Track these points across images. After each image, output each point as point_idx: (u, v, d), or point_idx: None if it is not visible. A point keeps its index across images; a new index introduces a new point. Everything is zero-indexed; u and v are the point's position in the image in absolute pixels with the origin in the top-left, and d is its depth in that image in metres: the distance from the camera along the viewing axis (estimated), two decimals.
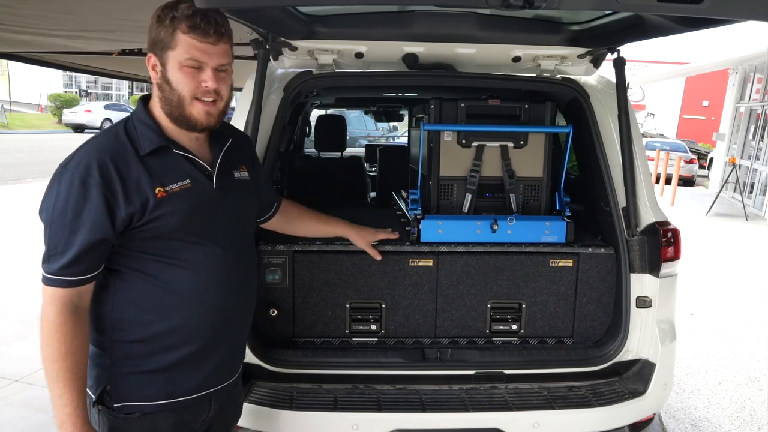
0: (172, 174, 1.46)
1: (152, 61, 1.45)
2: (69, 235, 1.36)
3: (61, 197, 1.36)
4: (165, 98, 1.46)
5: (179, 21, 1.40)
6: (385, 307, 2.37)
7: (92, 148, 1.41)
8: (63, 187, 1.37)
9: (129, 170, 1.40)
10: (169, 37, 1.41)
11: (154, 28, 1.43)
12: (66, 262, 1.36)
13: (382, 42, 2.40)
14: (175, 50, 1.42)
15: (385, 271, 2.35)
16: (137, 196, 1.40)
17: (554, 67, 2.56)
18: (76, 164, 1.37)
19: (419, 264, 2.36)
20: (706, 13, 1.43)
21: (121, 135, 1.45)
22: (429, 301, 2.38)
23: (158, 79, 1.45)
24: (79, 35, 3.22)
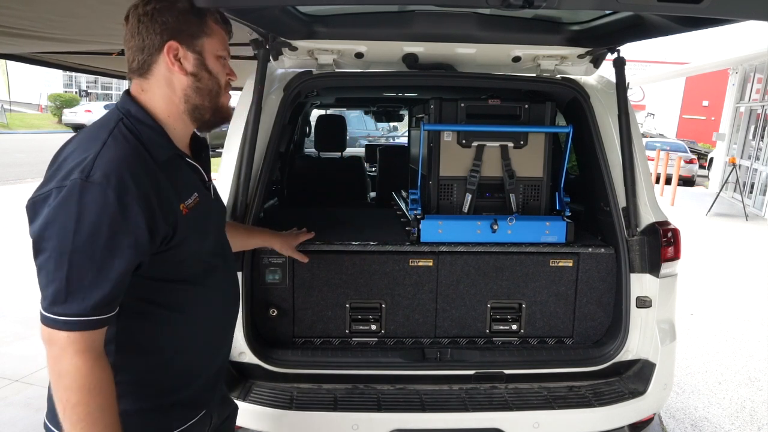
0: (186, 187, 1.31)
1: (176, 50, 1.27)
2: (102, 265, 1.12)
3: (90, 213, 1.11)
4: (199, 89, 1.31)
5: (206, 11, 1.31)
6: (385, 307, 2.37)
7: (115, 154, 1.17)
8: (91, 203, 1.11)
9: (158, 182, 1.22)
10: (198, 24, 1.30)
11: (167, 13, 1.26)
12: (100, 299, 1.12)
13: (382, 42, 2.40)
14: (212, 38, 1.32)
15: (385, 271, 2.35)
16: (170, 213, 1.23)
17: (554, 67, 2.56)
18: (103, 176, 1.12)
19: (419, 264, 2.36)
20: (706, 13, 1.43)
21: (132, 140, 1.22)
22: (429, 301, 2.38)
23: (192, 68, 1.29)
24: (80, 38, 3.22)
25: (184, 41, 1.28)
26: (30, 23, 2.73)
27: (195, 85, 1.31)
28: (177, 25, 1.27)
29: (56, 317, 1.11)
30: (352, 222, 2.76)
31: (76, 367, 1.11)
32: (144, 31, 1.26)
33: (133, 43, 1.28)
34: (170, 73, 1.29)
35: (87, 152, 1.16)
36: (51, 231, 1.11)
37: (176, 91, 1.31)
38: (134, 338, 1.29)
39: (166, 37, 1.26)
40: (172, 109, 1.32)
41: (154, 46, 1.27)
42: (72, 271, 1.11)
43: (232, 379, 2.22)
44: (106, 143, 1.18)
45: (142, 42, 1.27)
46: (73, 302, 1.11)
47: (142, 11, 1.26)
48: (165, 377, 1.36)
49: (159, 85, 1.30)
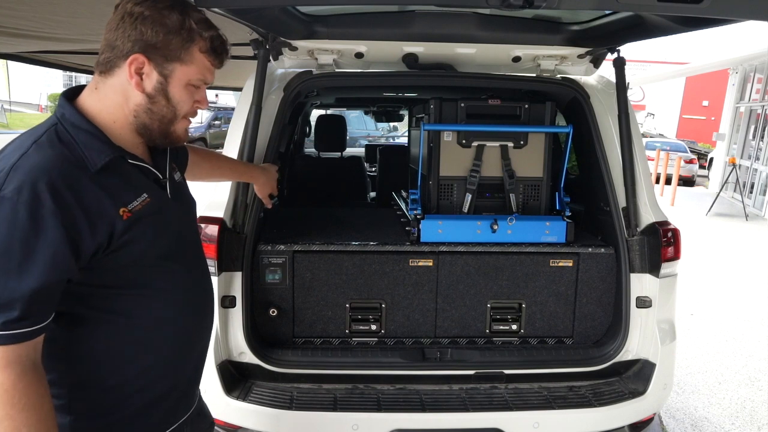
0: (129, 189, 1.22)
1: (141, 65, 1.19)
2: (18, 281, 1.05)
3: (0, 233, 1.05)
4: (152, 111, 1.23)
5: (197, 37, 1.22)
6: (385, 307, 2.37)
7: (31, 167, 1.08)
8: (1, 220, 1.05)
9: (85, 191, 1.12)
10: (181, 49, 1.21)
11: (152, 24, 1.18)
12: (18, 315, 1.06)
13: (382, 42, 2.40)
14: (189, 67, 1.23)
15: (385, 271, 2.35)
16: (102, 223, 1.14)
17: (554, 67, 2.56)
18: (15, 190, 1.05)
19: (419, 264, 2.36)
20: (706, 13, 1.44)
21: (59, 147, 1.13)
22: (429, 301, 2.38)
23: (150, 89, 1.22)
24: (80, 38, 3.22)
25: (153, 59, 1.20)
26: (30, 23, 2.72)
27: (148, 106, 1.23)
28: (155, 40, 1.19)
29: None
30: (352, 222, 2.76)
31: (10, 383, 1.06)
32: (122, 30, 1.18)
33: (109, 37, 1.20)
34: (128, 84, 1.21)
35: (8, 161, 1.09)
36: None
37: (128, 104, 1.23)
38: (80, 346, 1.22)
39: (137, 48, 1.18)
40: (120, 117, 1.23)
41: (123, 51, 1.19)
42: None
43: (232, 379, 2.22)
44: (27, 152, 1.10)
45: (115, 41, 1.19)
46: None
47: (129, 9, 1.19)
48: (119, 387, 1.28)
49: (114, 90, 1.22)
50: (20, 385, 1.07)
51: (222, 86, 7.52)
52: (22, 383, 1.07)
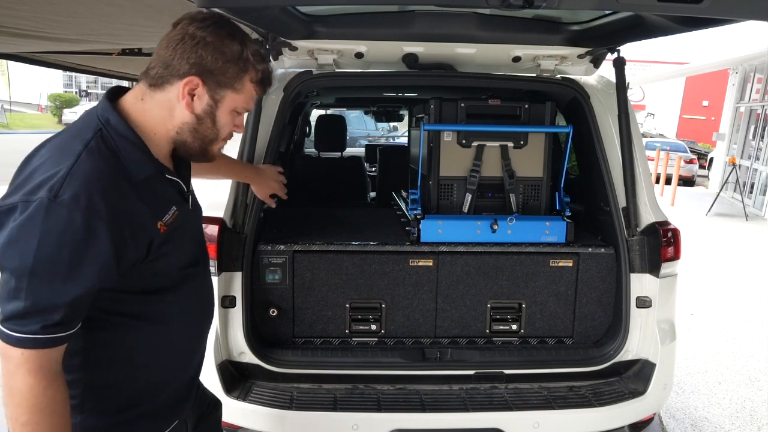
0: (163, 202, 1.26)
1: (195, 87, 1.22)
2: (63, 288, 1.08)
3: (53, 237, 1.06)
4: (197, 131, 1.27)
5: (251, 67, 1.27)
6: (385, 307, 2.37)
7: (88, 173, 1.10)
8: (55, 226, 1.06)
9: (130, 203, 1.16)
10: (235, 78, 1.25)
11: (213, 51, 1.21)
12: (58, 319, 1.08)
13: (382, 42, 2.40)
14: (239, 95, 1.28)
15: (385, 271, 2.35)
16: (144, 235, 1.18)
17: (554, 67, 2.56)
18: (72, 198, 1.07)
19: (419, 264, 2.36)
20: (706, 13, 1.43)
21: (108, 155, 1.15)
22: (429, 301, 2.38)
23: (200, 111, 1.25)
24: (81, 38, 3.22)
25: (208, 83, 1.23)
26: (30, 23, 2.72)
27: (194, 126, 1.26)
28: (213, 66, 1.22)
29: (11, 333, 1.07)
30: (352, 222, 2.76)
31: (29, 385, 1.07)
32: (180, 51, 1.20)
33: (164, 53, 1.22)
34: (177, 102, 1.23)
35: (58, 166, 1.10)
36: (12, 251, 1.07)
37: (173, 120, 1.25)
38: (102, 350, 1.25)
39: (194, 71, 1.21)
40: (162, 131, 1.26)
41: (179, 72, 1.21)
42: (30, 294, 1.07)
43: (232, 379, 2.22)
44: (80, 158, 1.11)
45: (172, 59, 1.21)
46: (29, 321, 1.07)
47: (191, 32, 1.21)
48: (134, 389, 1.31)
49: (160, 105, 1.24)
50: (49, 391, 1.08)
51: None
52: (51, 389, 1.09)
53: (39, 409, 1.07)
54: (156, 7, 2.54)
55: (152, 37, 3.28)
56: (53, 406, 1.09)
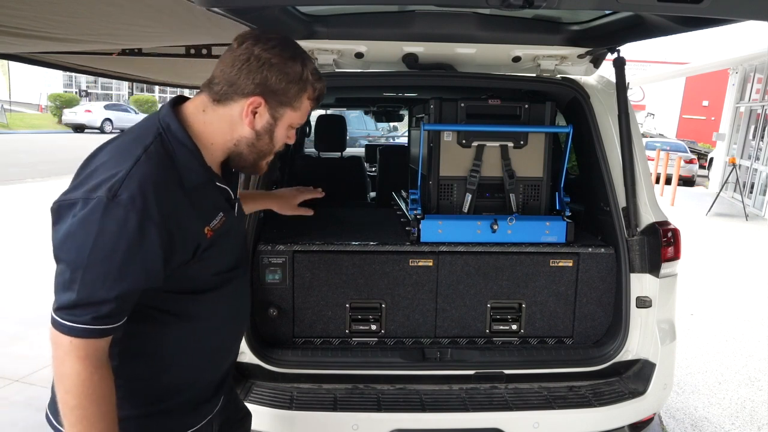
0: (211, 208, 1.32)
1: (258, 106, 1.28)
2: (114, 284, 1.14)
3: (109, 234, 1.12)
4: (254, 146, 1.33)
5: (309, 86, 1.32)
6: (385, 307, 2.37)
7: (145, 176, 1.15)
8: (112, 223, 1.12)
9: (182, 208, 1.21)
10: (295, 96, 1.31)
11: (277, 72, 1.26)
12: (106, 313, 1.14)
13: (382, 42, 2.40)
14: (296, 113, 1.34)
15: (385, 271, 2.35)
16: (191, 240, 1.24)
17: (554, 67, 2.56)
18: (129, 198, 1.12)
19: (419, 264, 2.36)
20: (706, 13, 1.44)
21: (165, 160, 1.21)
22: (429, 301, 2.38)
23: (260, 128, 1.31)
24: (81, 39, 3.22)
25: (269, 102, 1.29)
26: (30, 23, 2.72)
27: (252, 141, 1.32)
28: (276, 87, 1.27)
29: (63, 321, 1.13)
30: (352, 222, 2.76)
31: (77, 372, 1.13)
32: (245, 70, 1.25)
33: (229, 71, 1.26)
34: (239, 119, 1.29)
35: (119, 167, 1.16)
36: (70, 244, 1.13)
37: (232, 133, 1.31)
38: (139, 344, 1.30)
39: (258, 90, 1.26)
40: (219, 141, 1.31)
41: (243, 91, 1.26)
42: (83, 286, 1.13)
43: (233, 378, 2.22)
44: (139, 161, 1.17)
45: (237, 78, 1.26)
46: (80, 311, 1.13)
47: (257, 53, 1.25)
48: (167, 384, 1.36)
49: (221, 119, 1.29)
50: (96, 377, 1.14)
51: None
52: (97, 375, 1.15)
53: (86, 395, 1.13)
54: (156, 7, 2.54)
55: (152, 37, 3.28)
56: (99, 392, 1.14)
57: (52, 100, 30.96)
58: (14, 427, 3.12)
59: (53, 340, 1.15)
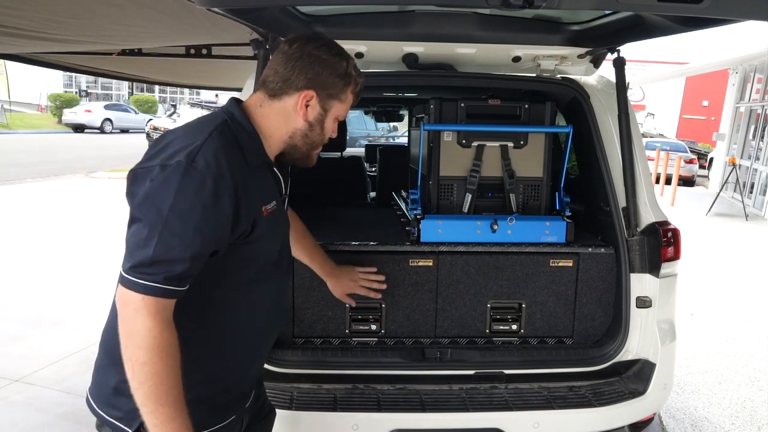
0: (267, 192, 1.42)
1: (310, 98, 1.42)
2: (189, 243, 1.21)
3: (187, 197, 1.21)
4: (307, 137, 1.46)
5: (353, 81, 1.47)
6: (385, 307, 2.37)
7: (218, 147, 1.27)
8: (190, 185, 1.21)
9: (247, 180, 1.31)
10: (340, 89, 1.45)
11: (326, 68, 1.41)
12: (179, 272, 1.21)
13: (382, 42, 2.40)
14: (342, 105, 1.48)
15: (385, 271, 2.35)
16: (252, 212, 1.33)
17: (554, 67, 2.56)
18: (205, 164, 1.22)
19: (419, 264, 2.36)
20: (706, 13, 1.44)
21: (232, 139, 1.33)
22: (429, 301, 2.38)
23: (312, 119, 1.44)
24: (81, 39, 3.22)
25: (320, 95, 1.43)
26: (30, 23, 2.72)
27: (305, 131, 1.45)
28: (325, 81, 1.42)
29: (135, 279, 1.19)
30: (352, 222, 2.76)
31: (148, 327, 1.18)
32: (299, 67, 1.39)
33: (282, 70, 1.40)
34: (294, 112, 1.42)
35: (194, 139, 1.26)
36: (149, 204, 1.21)
37: (287, 126, 1.44)
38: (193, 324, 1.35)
39: (311, 84, 1.40)
40: (276, 133, 1.44)
41: (297, 85, 1.40)
42: (160, 244, 1.19)
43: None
44: (212, 135, 1.29)
45: (291, 75, 1.40)
46: (154, 270, 1.19)
47: (308, 50, 1.40)
48: (211, 368, 1.40)
49: (277, 112, 1.42)
50: (165, 334, 1.20)
51: (222, 86, 7.52)
52: (167, 332, 1.20)
53: (157, 351, 1.18)
54: (156, 7, 2.54)
55: (152, 37, 3.28)
56: (168, 348, 1.19)
57: (52, 100, 30.98)
58: (14, 427, 3.12)
59: (122, 300, 1.21)
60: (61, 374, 3.70)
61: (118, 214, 6.83)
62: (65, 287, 5.45)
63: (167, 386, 1.18)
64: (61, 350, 4.04)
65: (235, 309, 1.42)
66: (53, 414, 3.24)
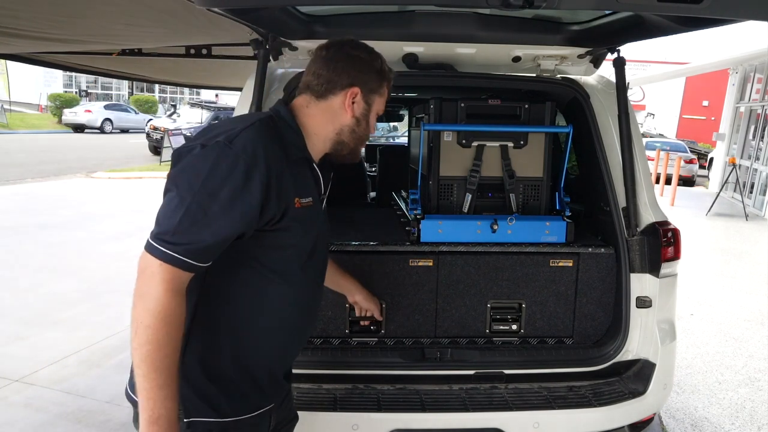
0: (304, 187, 1.46)
1: (355, 95, 1.50)
2: (212, 220, 1.25)
3: (220, 173, 1.25)
4: (354, 132, 1.53)
5: (387, 75, 1.56)
6: (385, 307, 2.37)
7: (258, 135, 1.33)
8: (224, 164, 1.26)
9: (282, 170, 1.36)
10: (379, 83, 1.54)
11: (365, 66, 1.51)
12: (201, 247, 1.24)
13: (382, 42, 2.39)
14: (382, 98, 1.57)
15: (385, 271, 2.35)
16: (284, 200, 1.36)
17: (554, 67, 2.56)
18: (242, 147, 1.28)
19: (419, 264, 2.36)
20: (706, 13, 1.43)
21: (274, 132, 1.40)
22: (429, 301, 2.38)
23: (359, 114, 1.52)
24: (81, 39, 3.22)
25: (364, 91, 1.51)
26: (30, 23, 2.72)
27: (353, 127, 1.53)
28: (366, 78, 1.51)
29: (158, 246, 1.23)
30: (352, 222, 2.76)
31: (158, 292, 1.22)
32: (340, 68, 1.48)
33: (325, 72, 1.49)
34: (340, 109, 1.50)
35: (237, 125, 1.34)
36: (183, 177, 1.27)
37: (335, 123, 1.51)
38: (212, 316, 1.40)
39: (355, 82, 1.49)
40: (322, 132, 1.51)
41: (341, 84, 1.48)
42: (186, 216, 1.23)
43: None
44: (254, 124, 1.36)
45: (335, 76, 1.48)
46: (176, 240, 1.23)
47: (348, 52, 1.50)
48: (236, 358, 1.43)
49: (324, 112, 1.50)
50: (173, 303, 1.23)
51: (222, 86, 7.53)
52: (175, 302, 1.24)
53: (162, 317, 1.21)
54: (156, 7, 2.54)
55: (152, 37, 3.28)
56: (173, 317, 1.23)
57: (52, 100, 30.95)
58: (13, 427, 3.12)
59: (142, 264, 1.24)
60: (61, 374, 3.70)
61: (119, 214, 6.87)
62: (65, 287, 5.45)
63: (164, 353, 1.22)
64: (61, 350, 4.04)
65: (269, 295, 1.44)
66: (53, 414, 3.24)
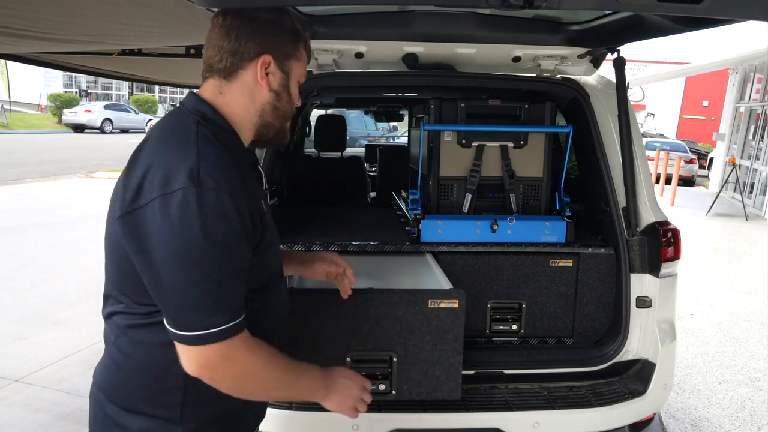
0: (259, 191, 1.29)
1: (267, 64, 1.25)
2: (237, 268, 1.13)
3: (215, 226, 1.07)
4: (277, 108, 1.30)
5: (302, 35, 1.32)
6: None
7: (217, 162, 1.12)
8: (209, 209, 1.06)
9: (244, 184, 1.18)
10: (294, 47, 1.30)
11: (272, 27, 1.25)
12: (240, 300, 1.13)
13: (382, 42, 2.40)
14: (299, 63, 1.32)
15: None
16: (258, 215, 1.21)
17: (554, 67, 2.56)
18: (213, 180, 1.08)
19: None
20: (706, 13, 1.43)
21: (218, 145, 1.17)
22: None
23: (276, 86, 1.28)
24: (81, 39, 3.22)
25: (277, 58, 1.27)
26: (30, 23, 2.72)
27: (274, 103, 1.30)
28: (276, 41, 1.26)
29: (211, 330, 1.08)
30: (352, 222, 2.76)
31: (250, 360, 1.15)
32: (243, 36, 1.23)
33: (226, 44, 1.23)
34: (255, 85, 1.26)
35: (185, 156, 1.10)
36: (176, 247, 1.05)
37: (255, 104, 1.28)
38: None
39: (264, 49, 1.24)
40: (245, 119, 1.28)
41: (249, 54, 1.24)
42: (218, 285, 1.08)
43: None
44: (200, 146, 1.12)
45: (238, 46, 1.23)
46: (222, 310, 1.09)
47: (246, 15, 1.24)
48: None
49: (240, 92, 1.26)
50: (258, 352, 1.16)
51: None
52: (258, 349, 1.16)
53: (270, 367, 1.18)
54: (156, 7, 2.54)
55: (152, 37, 3.28)
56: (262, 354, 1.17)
57: (52, 100, 30.94)
58: (13, 427, 3.11)
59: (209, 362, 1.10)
60: (61, 374, 3.70)
61: None
62: (65, 287, 5.45)
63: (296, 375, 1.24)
64: (61, 350, 4.04)
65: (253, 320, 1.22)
66: (53, 414, 3.24)
